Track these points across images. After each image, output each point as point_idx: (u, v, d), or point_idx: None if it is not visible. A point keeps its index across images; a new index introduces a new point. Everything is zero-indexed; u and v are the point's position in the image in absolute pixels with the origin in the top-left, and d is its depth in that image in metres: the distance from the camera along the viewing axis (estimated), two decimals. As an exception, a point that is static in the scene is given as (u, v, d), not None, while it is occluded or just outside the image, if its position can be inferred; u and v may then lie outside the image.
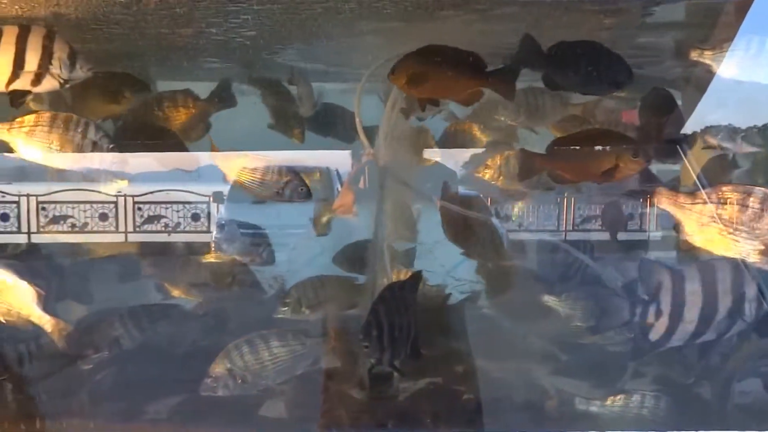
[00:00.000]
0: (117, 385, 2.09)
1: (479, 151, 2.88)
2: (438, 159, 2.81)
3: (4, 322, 1.70)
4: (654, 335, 1.77)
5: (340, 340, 2.05)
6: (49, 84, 1.57)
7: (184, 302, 2.66)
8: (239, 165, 1.83)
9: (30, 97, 1.63)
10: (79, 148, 1.52)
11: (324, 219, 2.44)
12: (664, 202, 1.81)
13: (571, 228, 2.87)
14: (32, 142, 1.48)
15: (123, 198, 2.98)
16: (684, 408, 1.98)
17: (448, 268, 2.58)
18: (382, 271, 2.23)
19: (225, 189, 2.86)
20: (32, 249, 2.70)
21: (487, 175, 2.48)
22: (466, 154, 2.92)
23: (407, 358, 1.79)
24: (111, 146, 1.58)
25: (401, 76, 1.84)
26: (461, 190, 2.89)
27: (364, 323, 1.76)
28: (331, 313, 2.21)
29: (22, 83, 1.58)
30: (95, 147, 1.53)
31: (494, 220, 2.84)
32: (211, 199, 2.92)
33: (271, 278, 2.60)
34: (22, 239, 2.82)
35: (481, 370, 2.06)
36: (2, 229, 2.78)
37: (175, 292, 2.64)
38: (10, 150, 1.50)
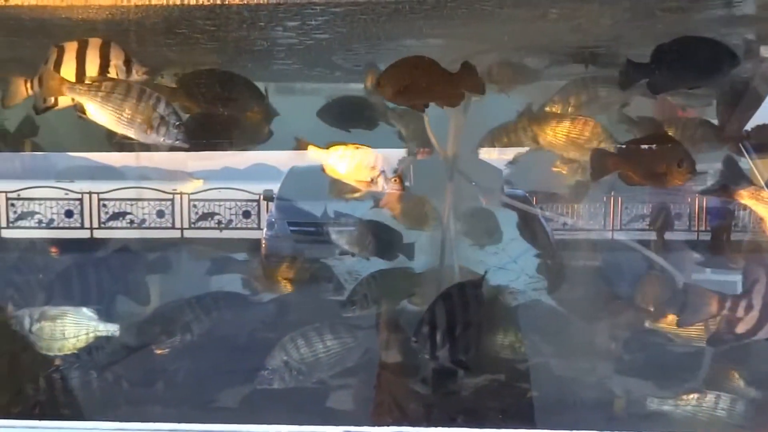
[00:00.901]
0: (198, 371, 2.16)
1: (524, 149, 2.89)
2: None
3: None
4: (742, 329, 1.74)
5: (398, 333, 2.09)
6: None
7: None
8: (335, 157, 1.82)
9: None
10: (148, 121, 1.53)
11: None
12: (746, 197, 1.79)
13: (618, 227, 2.86)
14: (106, 108, 1.52)
15: (179, 195, 3.09)
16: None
17: (521, 265, 2.61)
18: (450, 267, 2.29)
19: (275, 187, 2.95)
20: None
21: (565, 170, 2.47)
22: (510, 152, 2.94)
23: (466, 356, 1.82)
24: (177, 124, 1.57)
25: (387, 88, 1.92)
26: (506, 189, 2.91)
27: (419, 320, 1.81)
28: (387, 306, 2.25)
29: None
30: (162, 121, 1.54)
31: (541, 219, 2.85)
32: (262, 197, 3.02)
33: (345, 273, 2.64)
34: (84, 234, 2.96)
35: (547, 368, 2.08)
36: (67, 225, 2.91)
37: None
38: (82, 111, 1.53)
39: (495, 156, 2.83)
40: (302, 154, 2.81)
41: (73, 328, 1.82)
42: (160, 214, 3.09)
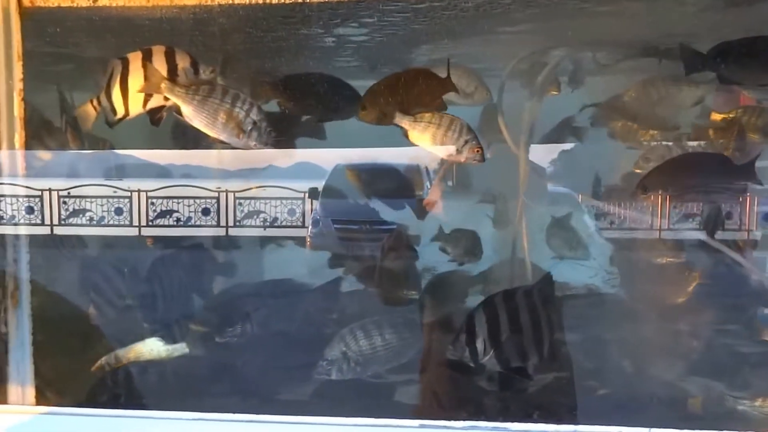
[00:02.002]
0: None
1: (569, 146, 2.86)
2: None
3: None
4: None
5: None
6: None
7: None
8: (421, 125, 1.79)
9: (165, 110, 1.74)
10: (240, 126, 1.57)
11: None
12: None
13: (666, 227, 2.82)
14: (200, 112, 1.57)
15: (224, 194, 3.13)
16: None
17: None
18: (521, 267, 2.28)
19: (320, 185, 2.97)
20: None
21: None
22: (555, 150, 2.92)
23: (523, 362, 1.80)
24: (269, 129, 1.64)
25: (371, 113, 1.88)
26: (550, 186, 2.89)
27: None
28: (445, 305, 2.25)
29: (157, 100, 1.68)
30: (254, 126, 1.60)
31: (585, 218, 2.83)
32: (306, 195, 3.03)
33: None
34: (133, 232, 3.01)
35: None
36: (116, 223, 2.96)
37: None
38: (179, 112, 1.56)
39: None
40: (348, 152, 2.84)
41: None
42: (206, 212, 3.13)
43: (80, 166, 2.95)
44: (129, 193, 3.03)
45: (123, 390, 1.86)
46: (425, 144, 1.75)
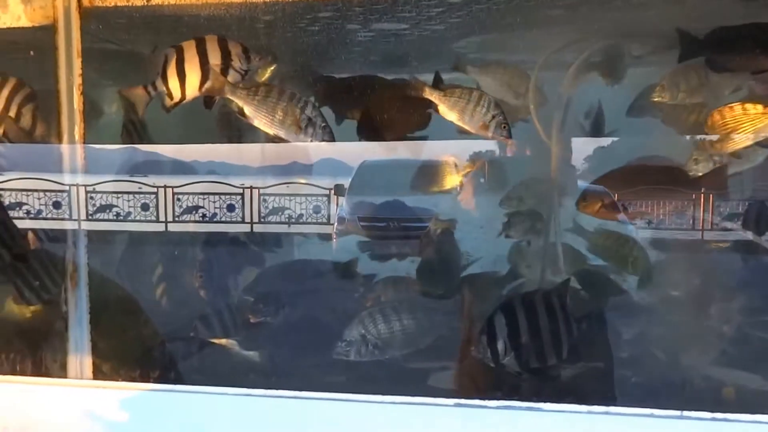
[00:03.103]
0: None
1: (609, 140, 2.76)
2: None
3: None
4: None
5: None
6: (232, 77, 1.77)
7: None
8: (450, 100, 1.79)
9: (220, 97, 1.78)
10: (296, 122, 1.67)
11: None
12: None
13: (709, 227, 2.68)
14: (260, 111, 1.68)
15: (249, 190, 3.10)
16: None
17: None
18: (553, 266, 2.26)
19: (346, 182, 2.91)
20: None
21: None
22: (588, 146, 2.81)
23: (542, 363, 1.81)
24: (323, 125, 1.71)
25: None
26: (580, 183, 2.78)
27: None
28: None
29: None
30: (309, 123, 1.68)
31: (621, 217, 2.71)
32: (333, 191, 2.99)
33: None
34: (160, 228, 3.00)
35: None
36: (144, 219, 2.97)
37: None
38: (242, 113, 1.69)
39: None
40: (374, 147, 2.79)
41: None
42: (231, 208, 3.11)
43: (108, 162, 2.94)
44: (155, 189, 3.03)
45: (173, 365, 1.94)
46: (454, 118, 1.76)
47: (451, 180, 2.82)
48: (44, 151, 2.11)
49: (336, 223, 2.88)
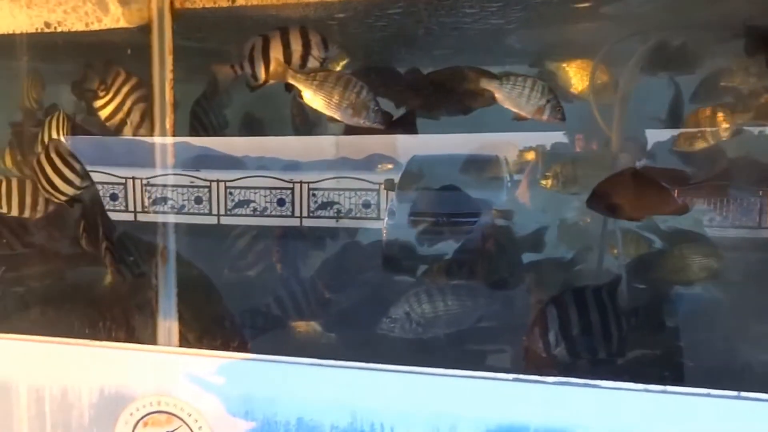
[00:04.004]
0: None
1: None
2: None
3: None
4: None
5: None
6: (311, 64, 1.93)
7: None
8: (506, 85, 1.86)
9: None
10: (352, 105, 1.77)
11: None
12: None
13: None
14: (318, 95, 1.79)
15: (299, 184, 3.12)
16: None
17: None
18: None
19: (396, 177, 2.90)
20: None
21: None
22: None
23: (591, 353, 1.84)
24: (376, 109, 1.80)
25: None
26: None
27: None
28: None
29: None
30: (363, 106, 1.78)
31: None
32: (383, 186, 2.97)
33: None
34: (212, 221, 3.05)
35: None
36: (196, 211, 3.01)
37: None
38: (300, 96, 1.81)
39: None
40: (427, 141, 2.77)
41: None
42: (281, 202, 3.13)
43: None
44: (208, 184, 3.07)
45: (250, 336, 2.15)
46: (511, 104, 1.83)
47: (506, 172, 2.79)
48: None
49: (386, 218, 2.87)
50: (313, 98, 1.78)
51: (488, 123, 2.64)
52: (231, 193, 3.07)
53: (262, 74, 1.88)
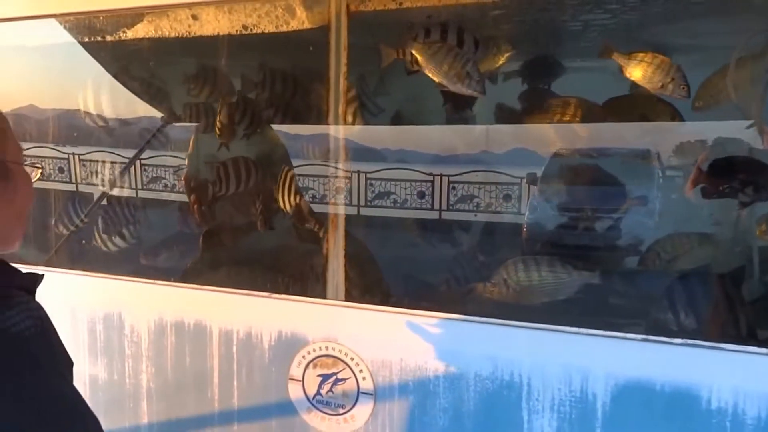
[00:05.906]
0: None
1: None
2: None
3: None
4: None
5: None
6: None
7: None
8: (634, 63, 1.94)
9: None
10: (458, 74, 1.92)
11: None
12: None
13: None
14: (430, 63, 1.94)
15: (439, 178, 3.14)
16: None
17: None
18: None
19: (539, 171, 2.81)
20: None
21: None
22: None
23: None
24: (478, 80, 1.91)
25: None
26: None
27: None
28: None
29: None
30: (467, 75, 1.92)
31: None
32: (524, 180, 2.91)
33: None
34: (352, 211, 3.14)
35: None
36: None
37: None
38: (416, 62, 1.97)
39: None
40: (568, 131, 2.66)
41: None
42: (421, 195, 3.17)
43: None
44: (350, 175, 3.18)
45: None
46: (637, 78, 1.92)
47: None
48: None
49: (527, 212, 2.80)
50: (425, 65, 1.94)
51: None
52: (371, 185, 3.17)
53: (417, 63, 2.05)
